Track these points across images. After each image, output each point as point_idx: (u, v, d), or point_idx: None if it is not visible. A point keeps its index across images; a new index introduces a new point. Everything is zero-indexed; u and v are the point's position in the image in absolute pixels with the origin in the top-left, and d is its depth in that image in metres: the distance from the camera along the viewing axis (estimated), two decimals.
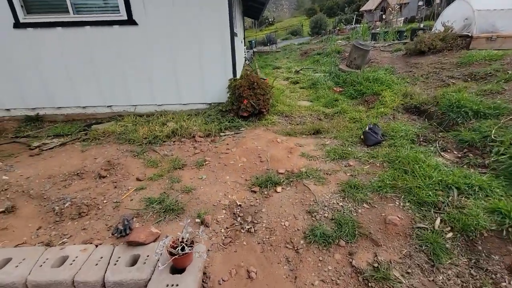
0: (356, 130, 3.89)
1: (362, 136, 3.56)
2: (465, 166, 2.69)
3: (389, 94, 4.63)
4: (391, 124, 3.76)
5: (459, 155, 2.89)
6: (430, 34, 6.37)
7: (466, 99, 3.49)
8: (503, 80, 3.82)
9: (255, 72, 10.00)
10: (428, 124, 3.69)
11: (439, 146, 3.08)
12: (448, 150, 3.01)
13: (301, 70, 9.06)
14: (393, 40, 9.81)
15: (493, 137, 2.79)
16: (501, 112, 3.12)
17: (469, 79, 4.33)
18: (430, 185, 2.30)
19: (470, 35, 5.72)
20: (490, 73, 4.16)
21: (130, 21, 4.54)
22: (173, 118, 4.94)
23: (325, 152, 3.36)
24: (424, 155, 2.81)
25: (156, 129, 4.17)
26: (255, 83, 4.63)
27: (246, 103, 4.39)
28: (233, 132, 4.13)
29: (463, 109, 3.36)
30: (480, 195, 2.14)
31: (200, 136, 4.00)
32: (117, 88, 4.94)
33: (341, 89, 5.65)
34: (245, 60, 10.85)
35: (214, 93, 5.17)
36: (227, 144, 3.69)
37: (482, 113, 3.23)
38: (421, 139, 3.29)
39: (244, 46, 15.42)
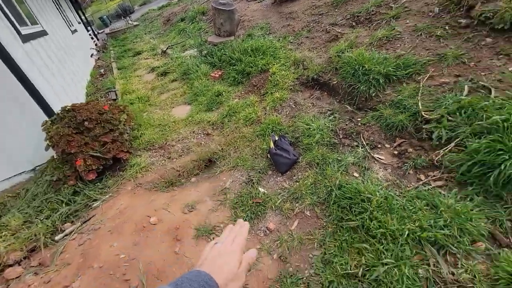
0: (258, 141, 2.78)
1: (269, 157, 2.47)
2: (410, 173, 1.93)
3: (278, 69, 3.56)
4: (297, 119, 2.76)
5: (395, 152, 2.12)
6: None
7: (367, 59, 2.68)
8: (391, 19, 3.16)
9: (109, 67, 7.48)
10: (337, 103, 2.83)
11: (367, 143, 2.25)
12: (379, 146, 2.21)
13: (167, 49, 7.14)
14: None
15: (423, 114, 2.07)
16: (414, 69, 2.42)
17: (354, 24, 3.59)
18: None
19: None
20: (372, 11, 3.47)
21: None
22: None
23: (230, 209, 2.17)
24: (362, 179, 1.93)
25: None
26: (88, 121, 2.83)
27: (82, 164, 2.62)
28: (79, 224, 2.44)
29: (371, 76, 2.55)
30: None
31: (15, 262, 2.20)
32: None
33: (220, 73, 4.30)
34: (92, 55, 7.99)
35: (33, 150, 3.14)
36: (68, 265, 2.06)
37: (394, 77, 2.48)
38: (341, 137, 2.41)
39: (88, 32, 11.70)
